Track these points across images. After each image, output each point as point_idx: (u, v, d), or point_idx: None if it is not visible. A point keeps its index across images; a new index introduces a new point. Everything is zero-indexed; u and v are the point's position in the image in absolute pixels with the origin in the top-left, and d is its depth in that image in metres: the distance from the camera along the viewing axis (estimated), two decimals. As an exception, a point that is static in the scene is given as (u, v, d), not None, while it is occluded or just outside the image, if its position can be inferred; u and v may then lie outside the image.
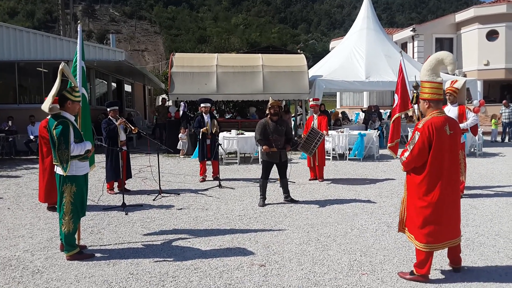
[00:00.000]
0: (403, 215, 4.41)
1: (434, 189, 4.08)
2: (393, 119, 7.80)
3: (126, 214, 6.83)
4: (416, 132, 4.16)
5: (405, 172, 4.34)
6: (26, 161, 13.05)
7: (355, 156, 12.93)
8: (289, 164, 7.91)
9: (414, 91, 7.01)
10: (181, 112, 14.88)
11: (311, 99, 10.28)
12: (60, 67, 4.90)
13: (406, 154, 4.20)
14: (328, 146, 12.34)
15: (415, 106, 7.31)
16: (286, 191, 7.70)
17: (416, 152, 4.11)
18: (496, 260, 4.73)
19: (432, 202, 4.08)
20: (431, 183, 4.09)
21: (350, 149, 13.12)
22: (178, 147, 14.20)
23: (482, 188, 8.68)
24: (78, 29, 6.19)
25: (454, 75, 7.47)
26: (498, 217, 6.49)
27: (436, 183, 4.08)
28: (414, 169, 4.20)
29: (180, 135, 14.28)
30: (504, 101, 18.65)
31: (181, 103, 15.26)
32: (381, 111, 20.29)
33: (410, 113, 7.83)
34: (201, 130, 9.48)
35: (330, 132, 12.09)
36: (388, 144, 7.80)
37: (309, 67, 17.76)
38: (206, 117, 9.63)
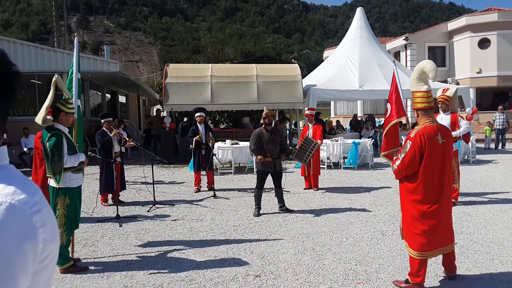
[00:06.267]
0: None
1: (427, 197, 4.09)
2: (388, 127, 7.76)
3: (120, 226, 6.79)
4: (408, 141, 4.18)
5: (398, 181, 4.36)
6: (20, 174, 12.97)
7: (350, 165, 12.96)
8: (284, 174, 7.92)
9: None
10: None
11: (306, 109, 10.32)
12: (54, 79, 4.90)
13: (398, 162, 4.22)
14: (322, 155, 12.37)
15: (408, 114, 7.36)
16: (281, 201, 7.69)
17: (407, 161, 4.13)
18: (491, 268, 4.74)
19: (426, 210, 4.09)
20: (424, 192, 4.10)
21: (345, 158, 13.15)
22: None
23: (476, 195, 8.72)
24: (75, 42, 6.19)
25: (441, 81, 7.51)
26: (492, 224, 6.51)
27: (429, 192, 4.10)
28: (407, 178, 4.21)
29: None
30: (500, 107, 18.75)
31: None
32: (375, 119, 20.38)
33: (404, 121, 7.86)
34: (194, 138, 9.49)
35: (324, 141, 12.12)
36: (382, 153, 7.77)
37: (303, 76, 17.84)
38: (201, 127, 9.64)
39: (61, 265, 4.81)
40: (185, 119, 15.67)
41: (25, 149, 14.22)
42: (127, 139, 8.44)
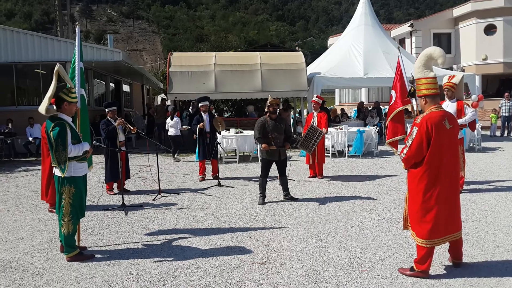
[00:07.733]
0: (406, 213, 4.40)
1: (434, 184, 4.08)
2: (392, 114, 7.72)
3: (126, 214, 6.83)
4: (414, 127, 4.16)
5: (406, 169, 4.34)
6: (25, 163, 13.03)
7: (355, 153, 12.93)
8: (288, 162, 7.91)
9: (411, 85, 7.01)
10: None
11: (314, 96, 10.28)
12: (56, 68, 4.89)
13: (406, 150, 4.20)
14: (327, 143, 12.34)
15: (413, 101, 7.29)
16: (285, 189, 7.69)
17: (415, 147, 4.11)
18: (496, 255, 4.73)
19: (432, 197, 4.08)
20: (430, 178, 4.08)
21: (349, 146, 13.11)
22: None
23: (482, 183, 8.68)
24: (77, 31, 6.15)
25: (447, 69, 7.46)
26: (498, 211, 6.49)
27: (435, 178, 4.08)
28: (414, 164, 4.19)
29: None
30: (506, 94, 18.56)
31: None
32: (381, 107, 20.27)
33: (409, 109, 7.81)
34: (198, 126, 9.49)
35: (329, 129, 12.07)
36: (387, 140, 7.76)
37: (308, 64, 17.73)
38: (205, 116, 9.63)
39: (67, 253, 4.85)
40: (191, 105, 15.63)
41: (30, 139, 14.27)
42: (131, 128, 8.43)
